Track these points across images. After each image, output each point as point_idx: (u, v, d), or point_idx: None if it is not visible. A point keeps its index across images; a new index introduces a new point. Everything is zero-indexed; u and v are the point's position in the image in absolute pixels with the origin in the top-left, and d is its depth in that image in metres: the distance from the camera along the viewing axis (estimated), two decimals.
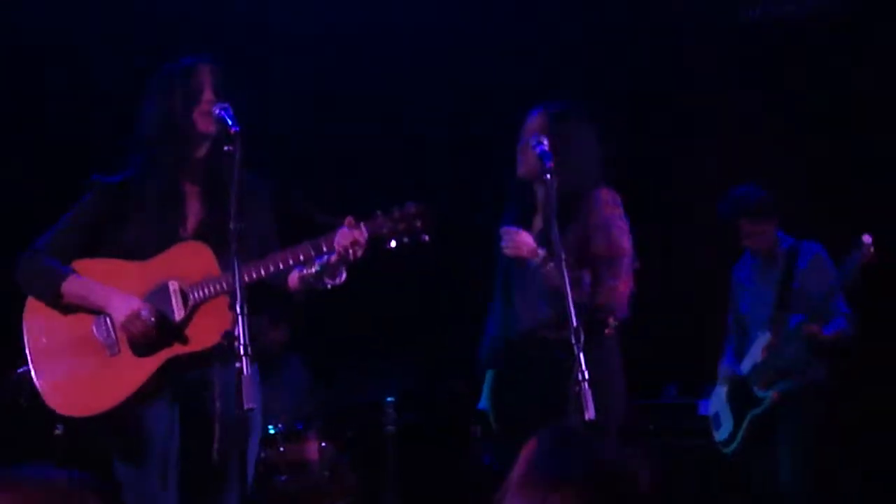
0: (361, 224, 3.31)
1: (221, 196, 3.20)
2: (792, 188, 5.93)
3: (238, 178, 3.13)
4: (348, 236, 3.27)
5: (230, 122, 3.22)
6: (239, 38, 5.86)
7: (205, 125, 3.35)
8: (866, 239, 4.71)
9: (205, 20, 5.92)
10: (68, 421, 3.46)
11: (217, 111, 3.28)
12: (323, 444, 5.49)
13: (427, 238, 3.36)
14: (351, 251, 3.27)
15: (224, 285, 3.27)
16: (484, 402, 4.19)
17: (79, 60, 5.93)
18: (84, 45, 5.90)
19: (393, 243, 3.37)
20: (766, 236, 5.12)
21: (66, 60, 5.92)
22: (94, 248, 3.41)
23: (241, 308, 2.98)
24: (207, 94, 3.36)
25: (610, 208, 4.00)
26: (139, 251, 3.37)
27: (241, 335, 2.95)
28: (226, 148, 3.21)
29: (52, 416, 3.41)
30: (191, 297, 3.31)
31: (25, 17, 5.84)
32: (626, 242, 4.00)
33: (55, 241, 3.42)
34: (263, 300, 3.37)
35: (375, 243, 3.34)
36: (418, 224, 3.35)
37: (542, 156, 3.70)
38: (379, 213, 3.36)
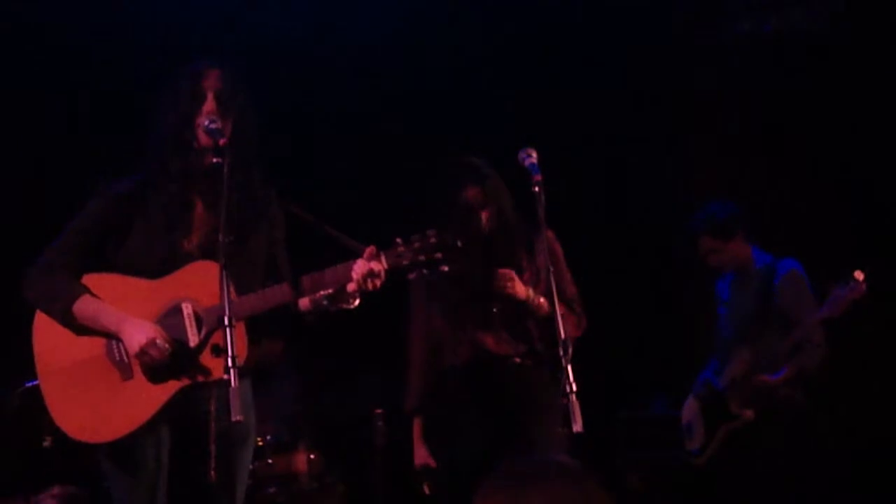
0: (381, 255, 3.25)
1: (230, 210, 3.12)
2: (780, 205, 5.98)
3: (230, 191, 3.10)
4: (367, 267, 3.21)
5: (217, 134, 3.20)
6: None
7: (204, 137, 3.28)
8: (858, 276, 4.67)
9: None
10: (60, 435, 3.33)
11: (206, 123, 3.25)
12: (311, 455, 5.48)
13: (446, 269, 3.31)
14: (369, 283, 3.23)
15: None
16: (423, 456, 4.22)
17: (79, 62, 5.92)
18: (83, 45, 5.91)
19: (412, 275, 3.32)
20: (729, 255, 5.11)
21: (65, 62, 5.92)
22: (102, 257, 3.34)
23: (230, 321, 2.97)
24: (209, 105, 3.29)
25: (559, 249, 4.20)
26: (142, 263, 3.30)
27: (229, 348, 2.94)
28: (214, 160, 3.21)
29: (41, 429, 3.38)
30: (205, 321, 3.22)
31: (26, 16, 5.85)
32: None
33: (64, 253, 3.33)
34: (268, 317, 3.33)
35: (395, 273, 3.30)
36: (438, 256, 3.27)
37: (531, 168, 3.73)
38: (399, 241, 3.28)
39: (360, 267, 3.22)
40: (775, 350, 4.86)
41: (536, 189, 3.66)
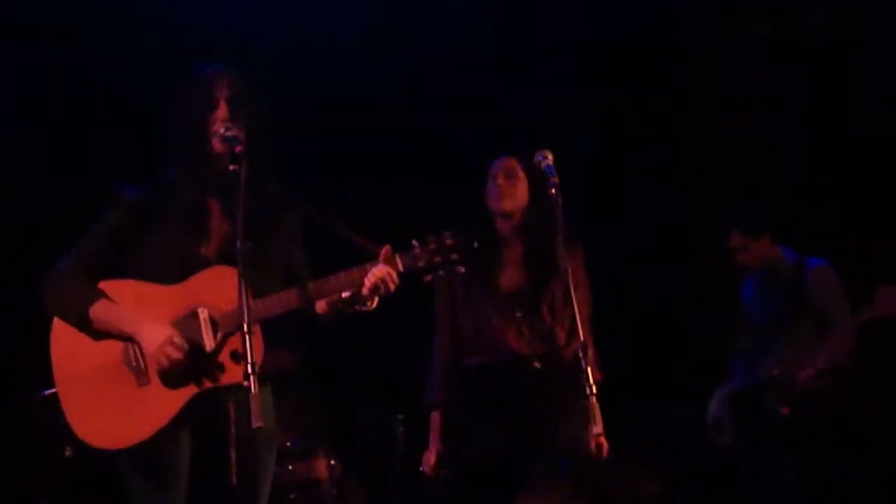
0: (397, 257, 3.25)
1: (247, 216, 3.10)
2: (799, 203, 5.95)
3: (246, 197, 3.08)
4: (384, 270, 3.21)
5: (234, 142, 3.19)
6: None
7: (219, 145, 3.28)
8: (887, 296, 4.64)
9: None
10: (82, 444, 3.30)
11: (222, 131, 3.24)
12: (332, 462, 5.48)
13: (463, 270, 3.30)
14: (383, 287, 3.22)
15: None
16: (434, 455, 4.20)
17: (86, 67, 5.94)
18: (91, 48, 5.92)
19: (428, 277, 3.30)
20: (757, 253, 5.16)
21: (73, 65, 5.93)
22: (118, 264, 3.32)
23: (249, 327, 2.96)
24: (221, 112, 3.28)
25: (583, 261, 4.14)
26: (160, 269, 3.28)
27: (248, 354, 2.94)
28: (231, 167, 3.20)
29: (62, 438, 3.37)
30: (221, 326, 3.22)
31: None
32: None
33: (80, 260, 3.32)
34: (286, 323, 3.31)
35: (411, 275, 3.28)
36: (454, 257, 3.25)
37: (548, 170, 3.73)
38: (415, 244, 3.27)
39: (375, 270, 3.22)
40: (812, 346, 4.89)
41: (553, 191, 3.65)
